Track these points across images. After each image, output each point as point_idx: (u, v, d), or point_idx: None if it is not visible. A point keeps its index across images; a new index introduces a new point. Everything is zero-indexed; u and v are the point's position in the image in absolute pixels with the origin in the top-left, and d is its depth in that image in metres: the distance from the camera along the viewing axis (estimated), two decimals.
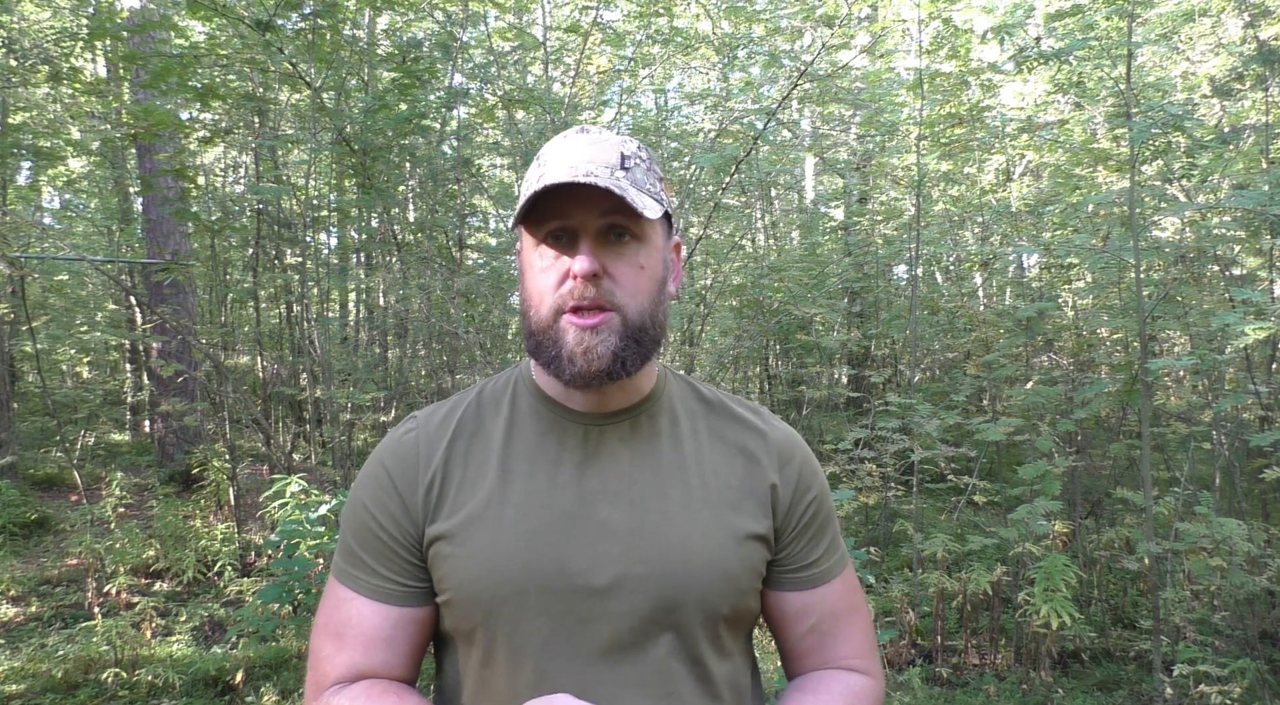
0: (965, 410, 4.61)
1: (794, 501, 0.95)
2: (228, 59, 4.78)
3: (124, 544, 4.74)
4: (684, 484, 0.91)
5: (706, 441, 0.95)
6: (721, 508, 0.90)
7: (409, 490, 0.91)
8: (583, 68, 6.29)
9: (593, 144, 0.87)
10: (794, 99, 6.59)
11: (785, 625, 0.97)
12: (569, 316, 0.85)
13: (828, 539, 0.97)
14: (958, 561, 4.29)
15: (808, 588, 0.96)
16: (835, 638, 0.97)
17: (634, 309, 0.86)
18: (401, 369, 7.05)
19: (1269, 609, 3.76)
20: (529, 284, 0.89)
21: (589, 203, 0.84)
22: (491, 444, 0.93)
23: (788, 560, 0.95)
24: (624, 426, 0.93)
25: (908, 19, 5.10)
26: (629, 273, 0.86)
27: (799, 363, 8.13)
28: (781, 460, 0.95)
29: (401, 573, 0.91)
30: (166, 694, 3.41)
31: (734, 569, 0.89)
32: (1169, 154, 3.96)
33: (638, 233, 0.87)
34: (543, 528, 0.87)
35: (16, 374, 9.35)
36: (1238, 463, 4.37)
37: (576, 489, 0.89)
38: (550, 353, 0.86)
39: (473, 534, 0.87)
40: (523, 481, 0.90)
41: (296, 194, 5.74)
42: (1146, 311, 3.44)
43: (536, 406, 0.95)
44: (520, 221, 0.87)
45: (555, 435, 0.92)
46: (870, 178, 7.75)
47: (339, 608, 0.93)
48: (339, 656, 0.91)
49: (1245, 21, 4.68)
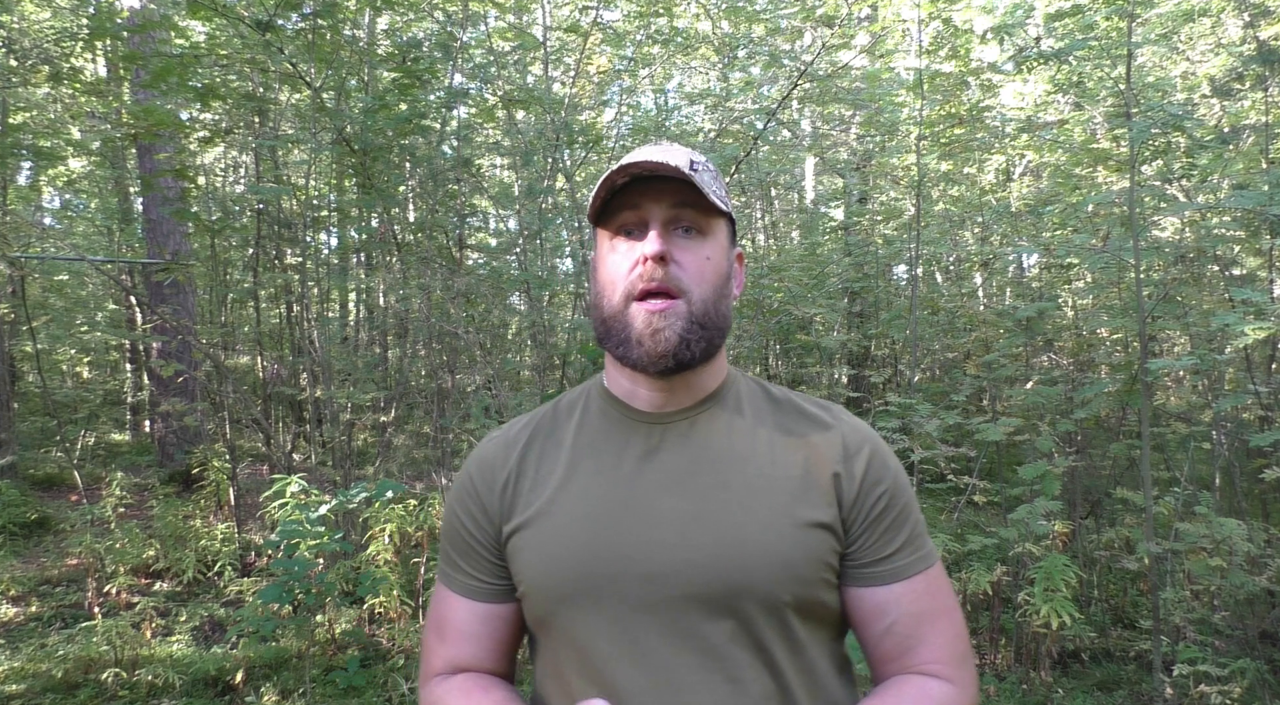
0: (965, 410, 4.60)
1: (862, 492, 0.93)
2: (228, 59, 4.78)
3: (124, 544, 4.74)
4: (743, 475, 0.92)
5: (769, 436, 0.96)
6: (781, 496, 0.91)
7: (488, 492, 0.98)
8: (583, 68, 6.29)
9: (664, 151, 0.92)
10: (794, 99, 6.59)
11: (862, 624, 0.95)
12: (638, 303, 0.90)
13: (904, 534, 0.95)
14: (958, 561, 4.29)
15: (883, 583, 0.93)
16: (917, 641, 0.93)
17: (698, 296, 0.90)
18: (401, 369, 7.04)
19: (1269, 609, 3.76)
20: (601, 274, 0.95)
21: (658, 196, 0.90)
22: (562, 444, 0.98)
23: (859, 553, 0.93)
24: (686, 424, 0.96)
25: (908, 19, 5.10)
26: (695, 261, 0.91)
27: (799, 363, 8.13)
28: (847, 451, 0.95)
29: (484, 571, 0.98)
30: (166, 694, 3.41)
31: (792, 555, 0.88)
32: (1169, 154, 3.96)
33: (704, 229, 0.92)
34: (601, 515, 0.91)
35: (16, 374, 9.34)
36: (1238, 463, 4.37)
37: (637, 480, 0.92)
38: (620, 336, 0.91)
39: (539, 525, 0.93)
40: (586, 476, 0.94)
41: (296, 194, 5.74)
42: (1146, 311, 3.44)
43: (605, 408, 1.00)
44: (595, 218, 0.94)
45: (620, 432, 0.96)
46: (870, 178, 7.75)
47: (439, 604, 1.02)
48: (439, 649, 1.00)
49: (1245, 21, 4.68)
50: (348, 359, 7.03)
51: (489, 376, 5.03)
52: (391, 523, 3.96)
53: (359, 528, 4.42)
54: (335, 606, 4.00)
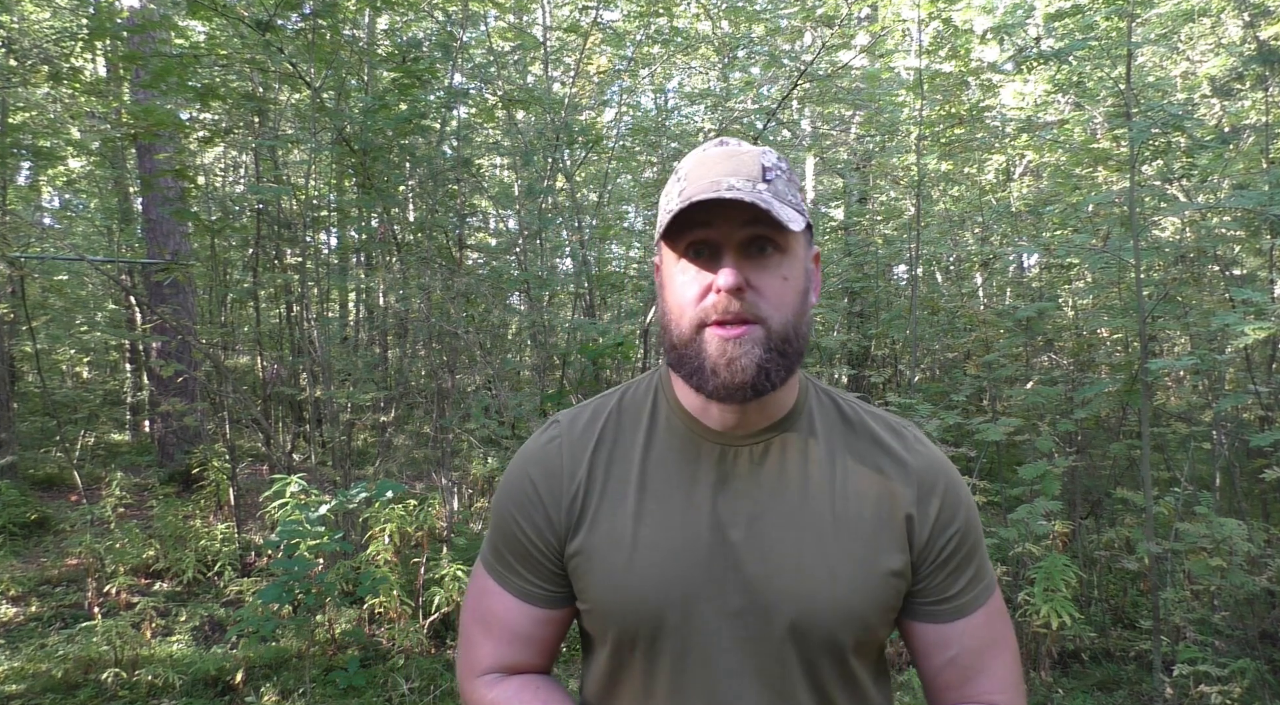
0: (965, 410, 4.60)
1: (934, 535, 0.91)
2: (228, 59, 4.79)
3: (124, 544, 4.74)
4: (817, 513, 0.90)
5: (843, 467, 0.93)
6: (855, 541, 0.89)
7: (553, 502, 0.94)
8: (583, 68, 6.29)
9: (732, 157, 0.86)
10: (794, 99, 6.59)
11: (923, 656, 0.95)
12: (712, 328, 0.83)
13: (971, 571, 0.94)
14: None
15: (946, 621, 0.93)
16: (977, 671, 0.93)
17: (778, 321, 0.84)
18: (401, 369, 7.05)
19: (1269, 609, 3.76)
20: (670, 298, 0.88)
21: (731, 215, 0.83)
22: (631, 458, 0.94)
23: (926, 593, 0.93)
24: (759, 448, 0.92)
25: (908, 19, 5.10)
26: (773, 285, 0.85)
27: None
28: (921, 491, 0.92)
29: (544, 578, 0.95)
30: (166, 694, 3.41)
31: (862, 607, 0.88)
32: (1169, 154, 3.96)
33: (781, 244, 0.85)
34: (676, 550, 0.89)
35: (16, 374, 9.34)
36: (1238, 463, 4.37)
37: (710, 512, 0.90)
38: (693, 365, 0.85)
39: (610, 552, 0.90)
40: (658, 502, 0.91)
41: (296, 194, 5.74)
42: (1146, 311, 3.44)
43: (674, 422, 0.95)
44: (663, 236, 0.87)
45: (691, 454, 0.93)
46: (870, 178, 7.74)
47: (486, 596, 0.99)
48: (487, 645, 0.98)
49: (1245, 21, 4.68)
50: (348, 359, 7.02)
51: (489, 376, 5.03)
52: (391, 523, 3.96)
53: (359, 528, 4.42)
54: (335, 606, 4.00)
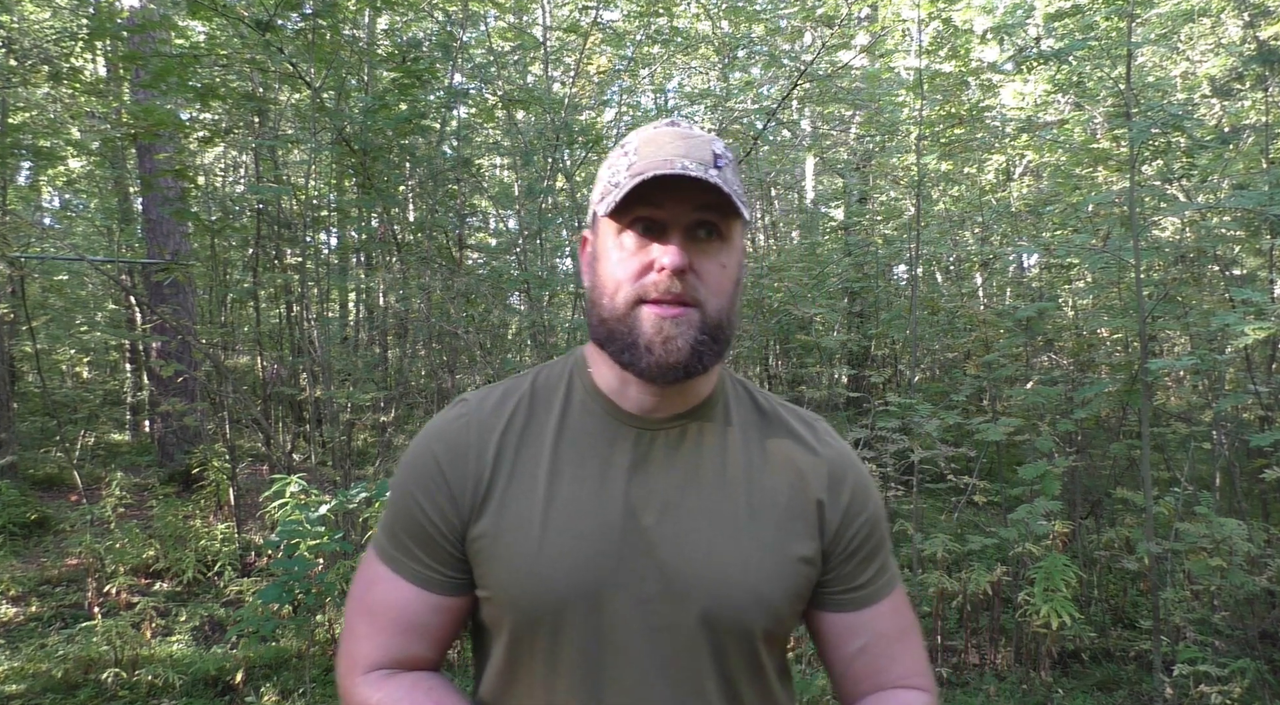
0: (965, 410, 4.60)
1: (843, 524, 0.92)
2: (228, 59, 4.79)
3: (124, 544, 4.74)
4: (732, 500, 0.89)
5: (757, 455, 0.93)
6: (768, 528, 0.89)
7: (458, 481, 0.89)
8: (583, 68, 6.29)
9: (686, 138, 0.85)
10: (794, 99, 6.59)
11: (833, 646, 0.95)
12: (649, 306, 0.83)
13: (879, 561, 0.95)
14: (958, 561, 4.29)
15: (855, 609, 0.94)
16: (888, 659, 0.94)
17: (714, 306, 0.85)
18: (401, 369, 7.05)
19: (1269, 609, 3.76)
20: (604, 271, 0.87)
21: (682, 196, 0.82)
22: (543, 440, 0.91)
23: (835, 582, 0.93)
24: (675, 433, 0.91)
25: (908, 19, 5.10)
26: (712, 270, 0.85)
27: (799, 363, 8.12)
28: (832, 480, 0.93)
29: (444, 562, 0.90)
30: (166, 694, 3.41)
31: (774, 594, 0.87)
32: (1169, 154, 3.96)
33: (723, 231, 0.85)
34: (587, 534, 0.86)
35: (16, 374, 9.34)
36: (1238, 463, 4.37)
37: (624, 496, 0.87)
38: (625, 341, 0.84)
39: (516, 538, 0.86)
40: (570, 485, 0.88)
41: (296, 194, 5.74)
42: (1146, 311, 3.44)
43: (590, 404, 0.92)
44: (610, 210, 0.85)
45: (606, 437, 0.90)
46: (870, 178, 7.75)
47: (376, 585, 0.92)
48: (374, 639, 0.91)
49: (1245, 21, 4.68)
50: (348, 359, 7.03)
51: (489, 376, 5.03)
52: None
53: (359, 528, 4.42)
54: (335, 606, 3.99)
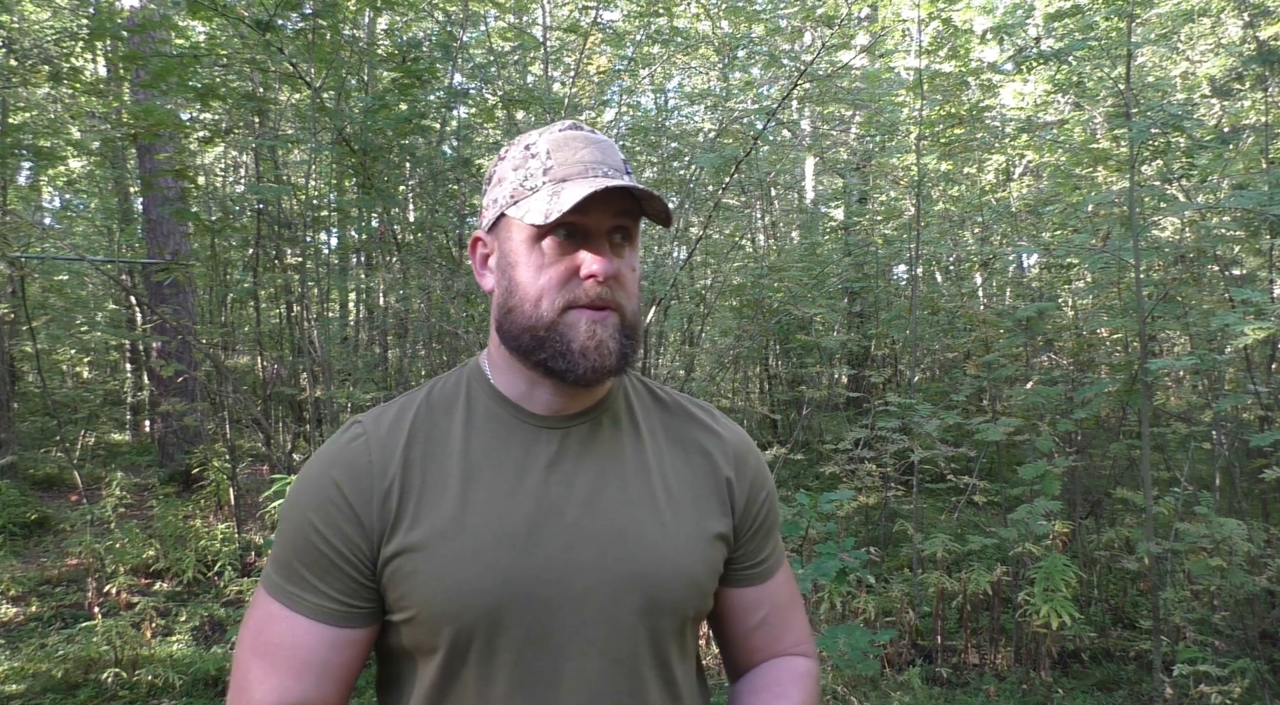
0: (965, 410, 4.61)
1: (749, 501, 0.96)
2: (228, 59, 4.79)
3: (124, 544, 4.74)
4: (648, 486, 0.90)
5: (665, 441, 0.95)
6: (685, 510, 0.91)
7: (362, 503, 0.84)
8: (583, 68, 6.29)
9: (596, 144, 0.87)
10: (794, 99, 6.59)
11: (734, 619, 0.99)
12: (579, 311, 0.83)
13: (775, 536, 1.01)
14: (958, 561, 4.29)
15: (758, 583, 0.98)
16: (783, 628, 1.00)
17: (630, 309, 0.87)
18: (401, 369, 7.04)
19: (1269, 609, 3.76)
20: (524, 279, 0.85)
21: (605, 204, 0.83)
22: (450, 449, 0.88)
23: (743, 558, 0.97)
24: (585, 428, 0.91)
25: (907, 19, 5.10)
26: (626, 274, 0.87)
27: (799, 363, 8.13)
28: (737, 460, 0.96)
29: (347, 592, 0.84)
30: (166, 694, 3.41)
31: (701, 572, 0.89)
32: (1169, 154, 3.96)
33: (632, 235, 0.88)
34: (512, 536, 0.84)
35: (16, 374, 9.35)
36: (1238, 463, 4.36)
37: (543, 495, 0.86)
38: (556, 347, 0.83)
39: (439, 548, 0.83)
40: (486, 490, 0.86)
41: (296, 194, 5.74)
42: (1146, 311, 3.44)
43: (494, 409, 0.91)
44: (536, 218, 0.83)
45: (517, 439, 0.89)
46: (870, 178, 7.75)
47: (270, 625, 0.85)
48: (268, 682, 0.83)
49: (1245, 21, 4.68)
50: (348, 359, 7.03)
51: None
52: None
53: None
54: None
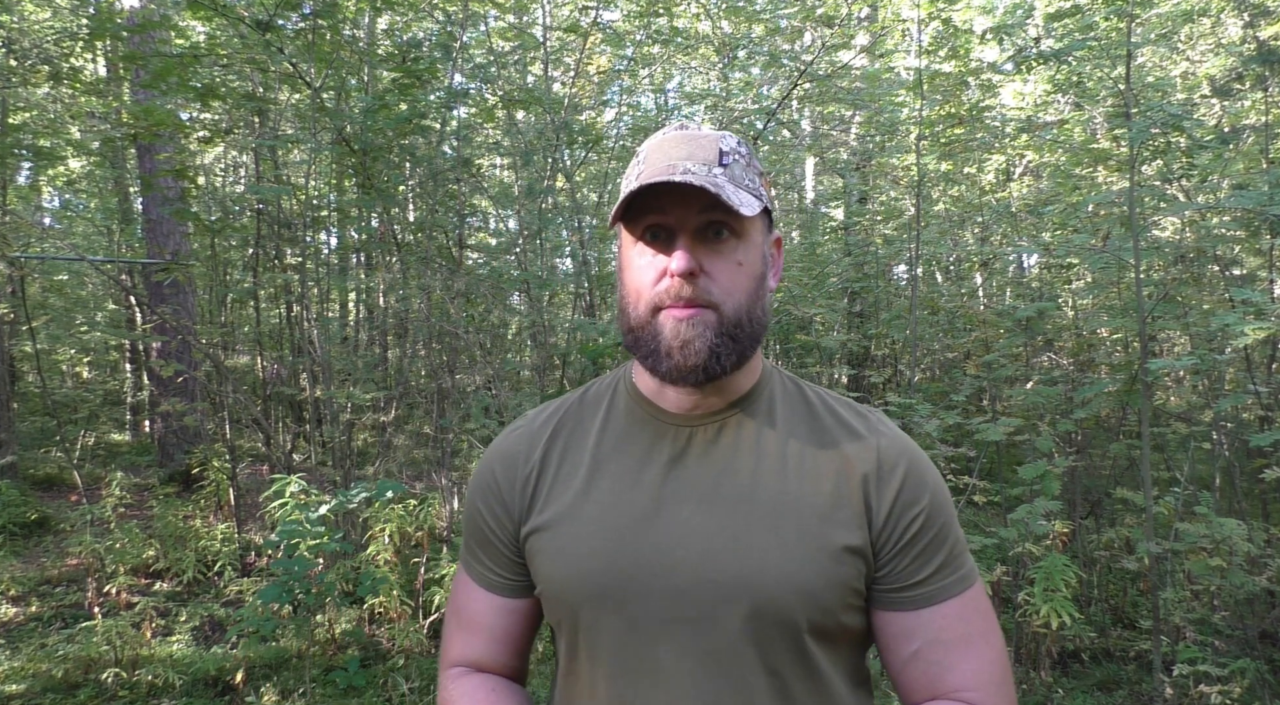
0: (965, 410, 4.60)
1: (894, 513, 0.88)
2: (228, 59, 4.78)
3: (124, 544, 4.73)
4: (771, 490, 0.88)
5: (802, 445, 0.91)
6: (808, 517, 0.86)
7: (509, 486, 0.96)
8: (583, 68, 6.29)
9: (690, 141, 0.87)
10: (794, 99, 6.59)
11: (889, 650, 0.91)
12: (667, 311, 0.85)
13: (941, 557, 0.89)
14: None
15: (911, 609, 0.89)
16: (945, 667, 0.88)
17: (730, 306, 0.85)
18: (401, 369, 7.04)
19: (1269, 609, 3.76)
20: (627, 280, 0.90)
21: (687, 200, 0.84)
22: (586, 442, 0.95)
23: (890, 578, 0.89)
24: (714, 428, 0.92)
25: (907, 19, 5.10)
26: (726, 270, 0.86)
27: (799, 363, 8.13)
28: (882, 468, 0.89)
29: (503, 565, 0.97)
30: (166, 694, 3.41)
31: (814, 583, 0.84)
32: (1169, 154, 3.96)
33: (737, 229, 0.86)
34: (624, 526, 0.88)
35: (16, 374, 9.35)
36: (1238, 463, 4.37)
37: (660, 489, 0.89)
38: (649, 347, 0.87)
39: (560, 530, 0.90)
40: (609, 480, 0.91)
41: (296, 194, 5.74)
42: (1146, 311, 3.44)
43: (631, 406, 0.96)
44: (619, 219, 0.87)
45: (646, 435, 0.93)
46: (870, 178, 7.74)
47: (460, 589, 1.02)
48: (458, 637, 1.01)
49: (1245, 21, 4.68)
50: (348, 359, 7.03)
51: (489, 376, 5.03)
52: (391, 523, 3.95)
53: (359, 528, 4.43)
54: (335, 606, 4.00)
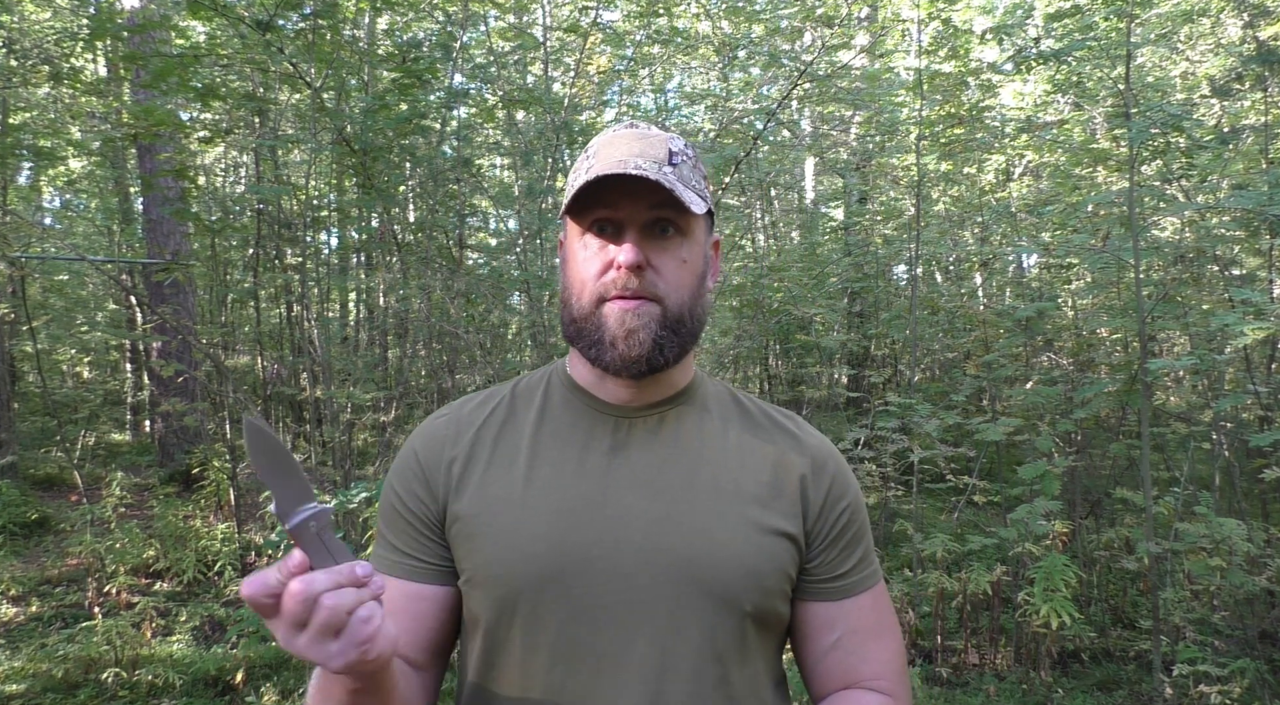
0: (965, 410, 4.60)
1: (826, 507, 0.93)
2: (228, 59, 4.78)
3: (124, 544, 4.73)
4: (712, 477, 0.90)
5: (738, 439, 0.94)
6: (749, 503, 0.90)
7: (433, 467, 0.93)
8: (583, 68, 6.29)
9: (641, 138, 0.88)
10: (794, 99, 6.59)
11: (808, 638, 0.95)
12: (611, 302, 0.86)
13: (859, 552, 0.95)
14: (957, 561, 4.29)
15: (834, 599, 0.94)
16: (860, 657, 0.93)
17: (674, 301, 0.87)
18: (401, 369, 7.04)
19: (1269, 609, 3.76)
20: (571, 272, 0.91)
21: (637, 195, 0.85)
22: (522, 431, 0.94)
23: (818, 569, 0.93)
24: (654, 420, 0.93)
25: (907, 19, 5.10)
26: (671, 266, 0.88)
27: (799, 363, 8.12)
28: (815, 465, 0.94)
29: (420, 549, 0.93)
30: (166, 694, 3.41)
31: (758, 564, 0.87)
32: (1168, 154, 3.96)
33: (682, 227, 0.88)
34: (566, 511, 0.87)
35: (16, 374, 9.34)
36: (1238, 463, 4.37)
37: (603, 476, 0.89)
38: (592, 337, 0.87)
39: (497, 515, 0.89)
40: (550, 467, 0.91)
41: (296, 194, 5.74)
42: (1146, 311, 3.44)
43: (569, 397, 0.96)
44: (568, 211, 0.88)
45: (585, 424, 0.93)
46: (870, 178, 7.74)
47: None
48: None
49: (1245, 21, 4.68)
50: (348, 359, 7.03)
51: (489, 376, 5.03)
52: None
53: (359, 528, 4.42)
54: None
